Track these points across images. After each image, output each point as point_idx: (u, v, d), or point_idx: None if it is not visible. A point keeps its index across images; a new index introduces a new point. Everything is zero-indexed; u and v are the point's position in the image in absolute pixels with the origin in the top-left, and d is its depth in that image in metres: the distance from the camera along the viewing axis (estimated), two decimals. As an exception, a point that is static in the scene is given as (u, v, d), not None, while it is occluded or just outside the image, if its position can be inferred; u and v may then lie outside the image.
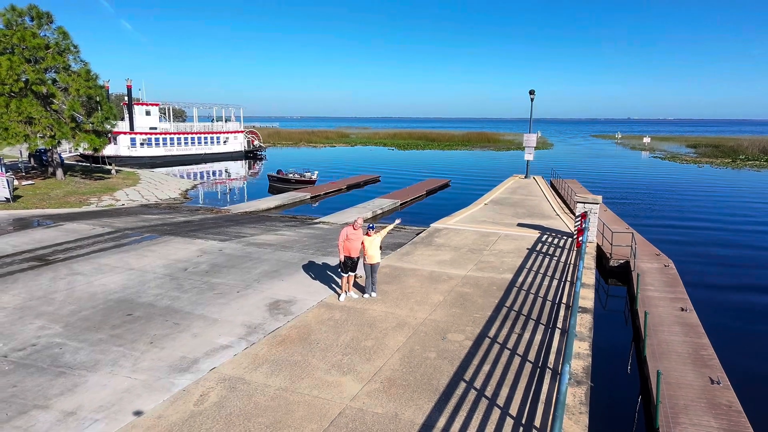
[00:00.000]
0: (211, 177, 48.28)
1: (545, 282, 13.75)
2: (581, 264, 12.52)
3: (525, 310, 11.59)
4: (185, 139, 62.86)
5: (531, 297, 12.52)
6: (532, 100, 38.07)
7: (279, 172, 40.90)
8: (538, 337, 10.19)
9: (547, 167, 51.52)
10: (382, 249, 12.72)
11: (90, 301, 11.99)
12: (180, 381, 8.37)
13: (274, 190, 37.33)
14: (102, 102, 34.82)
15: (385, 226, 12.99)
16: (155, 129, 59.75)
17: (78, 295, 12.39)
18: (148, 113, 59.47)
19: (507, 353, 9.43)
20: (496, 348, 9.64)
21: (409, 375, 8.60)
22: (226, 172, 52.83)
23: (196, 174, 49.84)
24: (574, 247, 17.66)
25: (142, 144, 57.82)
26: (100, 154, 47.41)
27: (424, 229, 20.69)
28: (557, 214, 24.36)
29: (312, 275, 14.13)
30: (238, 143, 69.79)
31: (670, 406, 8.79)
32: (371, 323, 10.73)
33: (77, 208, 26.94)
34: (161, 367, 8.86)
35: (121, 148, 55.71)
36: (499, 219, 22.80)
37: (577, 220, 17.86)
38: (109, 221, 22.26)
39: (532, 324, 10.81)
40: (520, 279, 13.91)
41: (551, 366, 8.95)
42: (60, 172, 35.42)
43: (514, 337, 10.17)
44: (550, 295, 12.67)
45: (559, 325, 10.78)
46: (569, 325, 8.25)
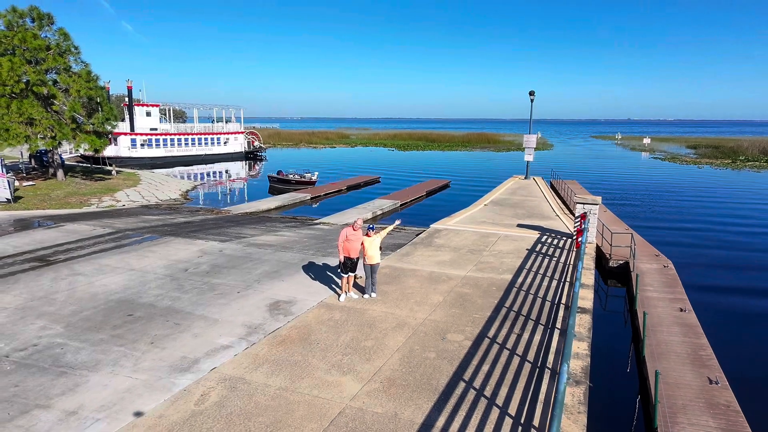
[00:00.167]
0: (212, 178, 48.32)
1: (544, 282, 13.79)
2: (580, 264, 12.55)
3: (524, 311, 11.63)
4: (186, 140, 62.87)
5: (530, 297, 12.56)
6: (532, 101, 38.14)
7: (279, 173, 40.93)
8: (537, 337, 10.23)
9: (547, 168, 51.52)
10: (381, 250, 12.75)
11: (91, 301, 12.04)
12: (181, 381, 8.41)
13: (274, 191, 37.34)
14: (102, 103, 34.90)
15: (385, 227, 13.01)
16: (156, 130, 59.77)
17: (79, 295, 12.43)
18: (148, 114, 59.56)
19: (506, 353, 9.47)
20: (495, 348, 9.68)
21: (408, 375, 8.64)
22: (227, 173, 52.89)
23: (196, 175, 49.85)
24: (573, 248, 17.70)
25: (142, 145, 57.84)
26: (101, 155, 47.46)
27: (424, 230, 20.73)
28: (557, 215, 24.41)
29: (312, 276, 14.17)
30: (238, 144, 69.78)
31: (669, 405, 8.82)
32: (371, 323, 10.77)
33: (78, 209, 26.99)
34: (162, 367, 8.90)
35: (121, 148, 55.75)
36: (498, 220, 22.85)
37: (576, 220, 17.89)
38: (109, 222, 22.31)
39: (531, 324, 10.86)
40: (520, 279, 13.95)
41: (550, 366, 9.00)
42: (61, 173, 35.47)
43: (513, 337, 10.21)
44: (549, 296, 12.72)
45: (558, 325, 10.82)
46: (568, 325, 8.29)
